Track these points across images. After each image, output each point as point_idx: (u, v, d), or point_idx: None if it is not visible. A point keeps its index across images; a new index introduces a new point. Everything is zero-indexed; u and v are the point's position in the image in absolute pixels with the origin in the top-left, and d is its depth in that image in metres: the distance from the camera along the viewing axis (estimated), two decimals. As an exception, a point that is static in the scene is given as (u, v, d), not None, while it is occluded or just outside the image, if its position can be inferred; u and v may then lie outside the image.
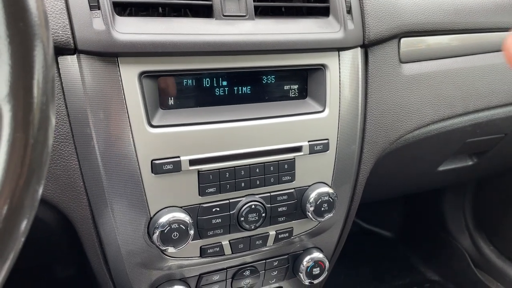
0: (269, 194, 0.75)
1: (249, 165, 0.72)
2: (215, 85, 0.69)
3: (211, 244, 0.74)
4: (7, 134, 0.31)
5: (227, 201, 0.72)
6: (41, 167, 0.34)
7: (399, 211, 1.76)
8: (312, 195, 0.77)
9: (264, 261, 0.83)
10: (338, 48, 0.75)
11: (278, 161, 0.73)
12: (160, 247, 0.68)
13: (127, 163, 0.64)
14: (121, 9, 0.64)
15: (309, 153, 0.75)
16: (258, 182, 0.73)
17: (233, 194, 0.72)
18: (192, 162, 0.67)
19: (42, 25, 0.33)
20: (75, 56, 0.61)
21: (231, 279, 0.82)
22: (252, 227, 0.74)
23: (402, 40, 0.85)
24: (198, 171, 0.68)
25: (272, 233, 0.78)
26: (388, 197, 1.50)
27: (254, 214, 0.73)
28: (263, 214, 0.74)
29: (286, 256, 0.85)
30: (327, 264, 0.87)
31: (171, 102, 0.67)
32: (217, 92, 0.70)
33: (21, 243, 0.34)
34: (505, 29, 0.97)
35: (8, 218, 0.32)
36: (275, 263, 0.85)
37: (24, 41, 0.32)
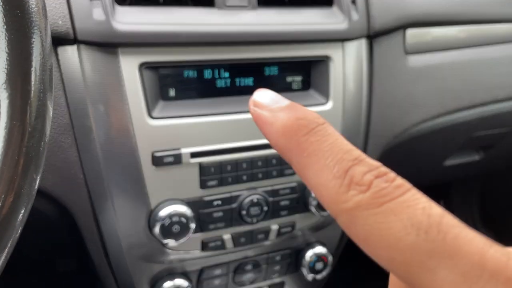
0: (271, 188, 0.74)
1: (251, 158, 0.71)
2: (216, 76, 0.68)
3: (212, 237, 0.73)
4: (4, 122, 0.32)
5: (229, 195, 0.71)
6: (39, 155, 0.34)
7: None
8: (315, 189, 0.76)
9: (266, 255, 0.82)
10: (342, 39, 0.74)
11: (280, 154, 0.72)
12: (161, 240, 0.67)
13: (128, 155, 0.64)
14: (121, -1, 0.64)
15: (312, 146, 0.74)
16: (260, 175, 0.72)
17: (234, 187, 0.71)
18: (193, 155, 0.66)
19: (39, 13, 0.33)
20: (75, 46, 0.61)
21: (233, 273, 0.81)
22: (254, 220, 0.73)
23: (408, 31, 0.83)
24: (200, 164, 0.67)
25: (274, 227, 0.77)
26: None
27: (256, 208, 0.72)
28: (265, 208, 0.73)
29: (288, 251, 0.84)
30: (330, 259, 0.86)
31: (172, 93, 0.66)
32: (219, 84, 0.69)
33: (18, 232, 0.34)
34: (514, 21, 0.95)
35: (6, 205, 0.32)
36: (278, 258, 0.84)
37: (21, 29, 0.32)
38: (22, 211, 0.34)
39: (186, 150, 0.66)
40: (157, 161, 0.65)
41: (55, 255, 1.11)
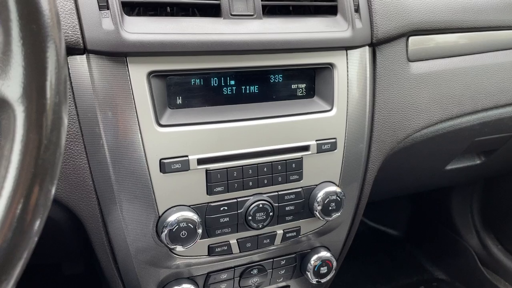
0: (276, 193, 0.75)
1: (257, 164, 0.72)
2: (223, 84, 0.69)
3: (219, 243, 0.74)
4: (21, 135, 0.32)
5: (235, 200, 0.72)
6: (54, 167, 0.35)
7: (406, 210, 1.75)
8: (320, 194, 0.77)
9: (272, 260, 0.83)
10: (346, 47, 0.75)
11: (285, 160, 0.73)
12: (169, 245, 0.68)
13: (136, 162, 0.65)
14: (130, 9, 0.65)
15: (317, 152, 0.75)
16: (265, 181, 0.73)
17: (241, 193, 0.72)
18: (200, 161, 0.67)
19: (54, 27, 0.33)
20: (84, 56, 0.62)
21: (238, 278, 0.82)
22: (260, 226, 0.74)
23: (410, 38, 0.84)
24: (206, 170, 0.68)
25: (280, 232, 0.78)
26: (395, 195, 1.49)
27: (262, 213, 0.73)
28: (271, 213, 0.74)
29: (293, 255, 0.85)
30: (334, 263, 0.87)
31: (179, 101, 0.67)
32: (225, 92, 0.70)
33: (34, 242, 0.34)
34: (514, 27, 0.96)
35: (22, 217, 0.32)
36: (283, 262, 0.85)
37: (37, 43, 0.32)
38: (38, 221, 0.34)
39: (193, 157, 0.67)
40: (165, 168, 0.66)
41: (64, 260, 1.11)
